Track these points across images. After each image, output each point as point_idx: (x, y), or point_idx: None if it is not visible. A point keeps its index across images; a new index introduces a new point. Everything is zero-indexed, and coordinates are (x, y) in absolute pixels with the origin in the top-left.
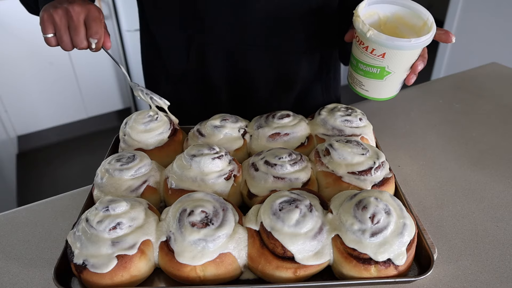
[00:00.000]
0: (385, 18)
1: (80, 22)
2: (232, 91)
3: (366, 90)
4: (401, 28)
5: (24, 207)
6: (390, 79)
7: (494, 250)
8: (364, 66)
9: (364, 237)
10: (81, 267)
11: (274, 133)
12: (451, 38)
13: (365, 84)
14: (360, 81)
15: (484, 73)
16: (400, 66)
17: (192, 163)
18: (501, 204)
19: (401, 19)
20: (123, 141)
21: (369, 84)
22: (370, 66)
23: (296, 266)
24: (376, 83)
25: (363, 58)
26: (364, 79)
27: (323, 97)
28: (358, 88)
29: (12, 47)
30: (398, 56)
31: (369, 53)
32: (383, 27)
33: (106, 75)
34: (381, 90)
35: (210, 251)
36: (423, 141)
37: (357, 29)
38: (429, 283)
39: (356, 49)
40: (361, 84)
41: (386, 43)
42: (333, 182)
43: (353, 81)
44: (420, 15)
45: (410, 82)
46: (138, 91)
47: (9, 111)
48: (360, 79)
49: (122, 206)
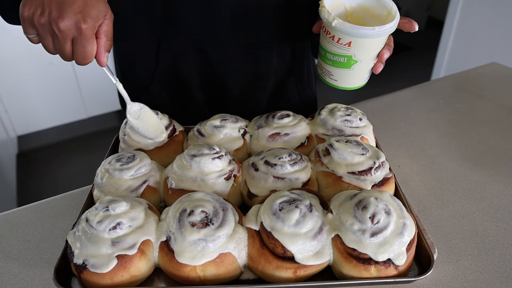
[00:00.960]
0: (351, 9)
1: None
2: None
3: (335, 79)
4: (367, 18)
5: (24, 207)
6: (357, 68)
7: (494, 250)
8: (332, 56)
9: (364, 237)
10: (81, 267)
11: (274, 133)
12: (414, 26)
13: (333, 73)
14: (329, 71)
15: (484, 73)
16: (366, 55)
17: (192, 163)
18: (501, 204)
19: (366, 9)
20: (123, 141)
21: (338, 73)
22: (338, 56)
23: (296, 266)
24: (344, 72)
25: (330, 47)
26: (332, 69)
27: (298, 92)
28: (328, 78)
29: (12, 47)
30: (364, 44)
31: (336, 42)
32: (350, 18)
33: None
34: (349, 79)
35: (210, 251)
36: (423, 141)
37: (323, 19)
38: (429, 283)
39: (323, 39)
40: (330, 74)
41: (351, 32)
42: (333, 182)
43: (322, 72)
44: (385, 5)
45: (377, 70)
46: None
47: (9, 111)
48: (329, 69)
49: (122, 206)
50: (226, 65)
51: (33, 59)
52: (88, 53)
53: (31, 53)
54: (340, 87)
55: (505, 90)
